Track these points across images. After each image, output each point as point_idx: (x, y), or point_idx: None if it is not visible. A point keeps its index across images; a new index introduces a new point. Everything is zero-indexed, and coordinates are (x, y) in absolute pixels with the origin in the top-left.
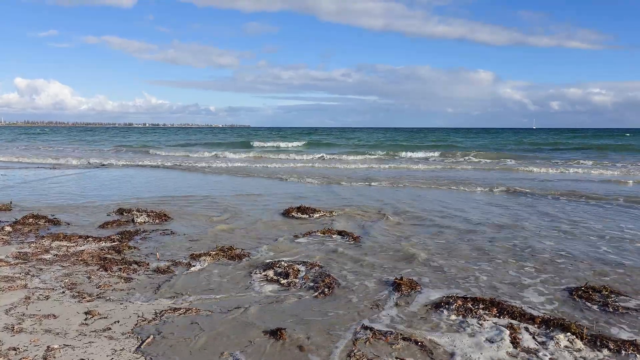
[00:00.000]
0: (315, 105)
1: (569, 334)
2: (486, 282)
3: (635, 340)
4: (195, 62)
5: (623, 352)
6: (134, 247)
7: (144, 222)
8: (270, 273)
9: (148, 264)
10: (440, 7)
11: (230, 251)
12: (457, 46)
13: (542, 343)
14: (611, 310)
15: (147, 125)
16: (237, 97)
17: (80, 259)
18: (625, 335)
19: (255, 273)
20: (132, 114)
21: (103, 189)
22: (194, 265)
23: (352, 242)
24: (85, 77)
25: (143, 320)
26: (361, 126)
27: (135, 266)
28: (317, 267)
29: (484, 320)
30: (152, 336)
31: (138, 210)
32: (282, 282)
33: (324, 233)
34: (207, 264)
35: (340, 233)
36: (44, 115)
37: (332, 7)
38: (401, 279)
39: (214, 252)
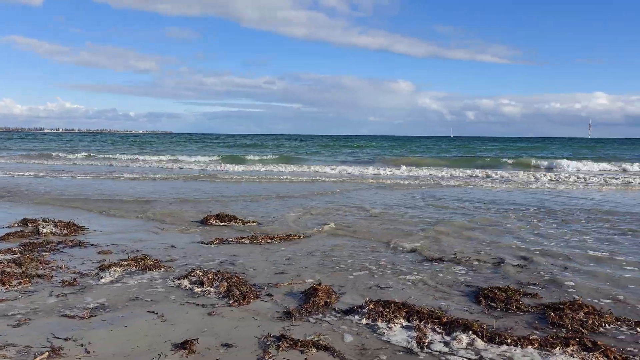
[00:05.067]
0: (240, 112)
1: (470, 332)
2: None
3: (529, 335)
4: (112, 66)
5: (519, 346)
6: (38, 260)
7: (51, 232)
8: (185, 282)
9: (52, 277)
10: (361, 19)
11: (143, 261)
12: (379, 57)
13: (446, 342)
14: (513, 308)
15: (61, 130)
16: (158, 103)
17: None
18: (522, 332)
19: (168, 282)
20: (43, 118)
21: None
22: (102, 277)
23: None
24: None
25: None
26: (288, 133)
27: (38, 279)
28: (236, 278)
29: (394, 323)
30: (46, 353)
31: (44, 221)
32: (196, 290)
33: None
34: (117, 274)
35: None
36: None
37: (255, 15)
38: (319, 284)
39: (125, 263)
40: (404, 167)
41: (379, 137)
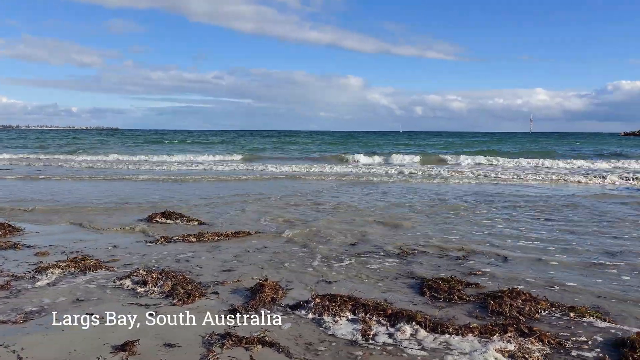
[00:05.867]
0: (188, 107)
1: (414, 323)
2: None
3: (470, 323)
4: (52, 59)
5: (460, 334)
6: None
7: None
8: (127, 282)
9: None
10: (312, 14)
11: (83, 262)
12: (329, 52)
13: (390, 334)
14: (456, 298)
15: None
16: (102, 98)
17: None
18: (464, 321)
19: (109, 283)
20: None
21: None
22: (39, 280)
23: (217, 245)
24: None
25: None
26: (238, 129)
27: None
28: (181, 277)
29: (339, 317)
30: None
31: None
32: (139, 290)
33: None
34: (55, 276)
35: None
36: None
37: (203, 8)
38: (266, 280)
39: (64, 264)
40: (351, 163)
41: (330, 132)
